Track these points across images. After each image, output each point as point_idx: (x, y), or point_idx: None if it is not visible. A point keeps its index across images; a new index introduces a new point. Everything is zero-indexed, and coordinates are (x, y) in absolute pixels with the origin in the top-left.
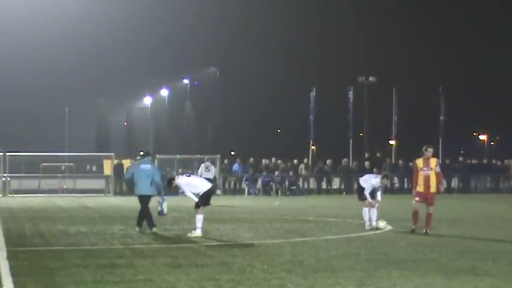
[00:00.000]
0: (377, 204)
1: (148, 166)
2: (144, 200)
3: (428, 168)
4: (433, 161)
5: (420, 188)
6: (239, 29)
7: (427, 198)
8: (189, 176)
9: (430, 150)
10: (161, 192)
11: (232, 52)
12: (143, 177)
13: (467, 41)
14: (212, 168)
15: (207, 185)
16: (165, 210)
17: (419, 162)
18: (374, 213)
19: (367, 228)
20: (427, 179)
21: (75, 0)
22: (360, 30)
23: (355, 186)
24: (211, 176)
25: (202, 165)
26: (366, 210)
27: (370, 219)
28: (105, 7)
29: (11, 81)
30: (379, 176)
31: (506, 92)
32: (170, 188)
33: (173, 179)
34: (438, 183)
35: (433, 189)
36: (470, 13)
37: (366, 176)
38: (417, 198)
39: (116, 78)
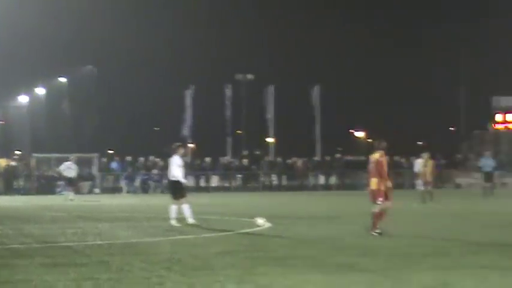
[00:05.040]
0: (187, 204)
1: None
2: None
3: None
4: (374, 156)
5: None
6: (117, 27)
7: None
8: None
9: (376, 144)
10: None
11: (110, 50)
12: None
13: (342, 41)
14: (74, 166)
15: None
16: None
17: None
18: (188, 210)
19: (174, 224)
20: (368, 175)
21: None
22: (238, 28)
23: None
24: (73, 175)
25: (65, 163)
26: (173, 207)
27: (178, 215)
28: None
29: None
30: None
31: (381, 90)
32: None
33: None
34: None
35: (372, 185)
36: (344, 15)
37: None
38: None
39: None
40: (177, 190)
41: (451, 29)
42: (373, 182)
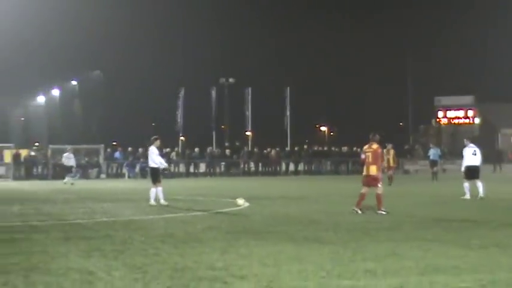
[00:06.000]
0: (160, 188)
1: None
2: None
3: (364, 153)
4: (372, 146)
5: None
6: (121, 39)
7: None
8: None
9: (370, 136)
10: None
11: (115, 58)
12: None
13: (309, 51)
14: (71, 156)
15: None
16: None
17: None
18: (160, 193)
19: (152, 204)
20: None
21: None
22: (221, 41)
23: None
24: (72, 163)
25: (65, 154)
26: (153, 190)
27: (156, 198)
28: None
29: None
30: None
31: (342, 92)
32: None
33: None
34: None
35: (372, 172)
36: (308, 30)
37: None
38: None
39: (12, 80)
40: (155, 176)
41: (398, 38)
42: (373, 169)
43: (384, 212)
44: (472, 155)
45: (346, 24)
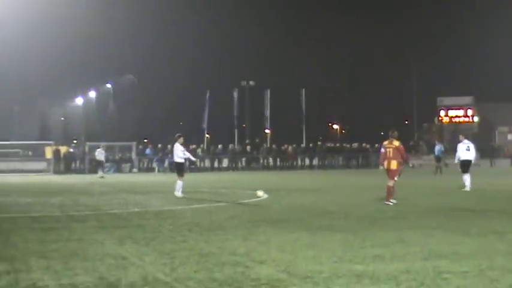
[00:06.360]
0: (181, 181)
1: None
2: None
3: (384, 148)
4: (393, 143)
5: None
6: (151, 46)
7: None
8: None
9: (390, 133)
10: None
11: (146, 63)
12: None
13: (323, 56)
14: (103, 151)
15: None
16: None
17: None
18: (179, 185)
19: (180, 195)
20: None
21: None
22: (242, 47)
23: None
24: (103, 158)
25: (97, 149)
26: (179, 182)
27: (181, 190)
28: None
29: None
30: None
31: (352, 94)
32: None
33: None
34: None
35: (393, 166)
36: (321, 38)
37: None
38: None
39: (53, 84)
40: (180, 170)
41: (403, 41)
42: (394, 163)
43: (390, 203)
44: (465, 150)
45: (356, 31)
